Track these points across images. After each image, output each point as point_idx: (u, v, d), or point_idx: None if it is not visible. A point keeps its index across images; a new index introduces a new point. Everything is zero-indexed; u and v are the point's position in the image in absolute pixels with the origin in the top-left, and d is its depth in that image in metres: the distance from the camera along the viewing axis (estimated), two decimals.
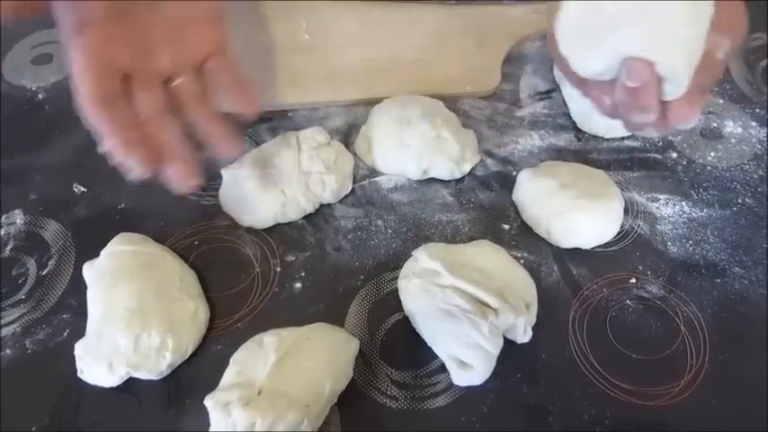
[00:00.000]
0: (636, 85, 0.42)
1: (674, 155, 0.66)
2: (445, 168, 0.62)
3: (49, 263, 0.58)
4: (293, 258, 0.58)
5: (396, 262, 0.57)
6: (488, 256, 0.54)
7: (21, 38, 0.78)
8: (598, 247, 0.58)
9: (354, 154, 0.65)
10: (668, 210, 0.61)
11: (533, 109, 0.70)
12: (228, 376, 0.47)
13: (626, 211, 0.60)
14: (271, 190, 0.59)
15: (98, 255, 0.55)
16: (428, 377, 0.51)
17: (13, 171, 0.64)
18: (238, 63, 0.57)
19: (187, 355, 0.51)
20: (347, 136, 0.67)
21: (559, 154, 0.66)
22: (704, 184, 0.63)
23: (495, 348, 0.49)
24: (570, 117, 0.68)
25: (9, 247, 0.59)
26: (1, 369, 0.52)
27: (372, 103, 0.67)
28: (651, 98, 0.42)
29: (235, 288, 0.56)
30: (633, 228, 0.60)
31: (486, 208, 0.62)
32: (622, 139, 0.67)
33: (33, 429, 0.49)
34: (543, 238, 0.59)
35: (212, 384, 0.48)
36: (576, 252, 0.58)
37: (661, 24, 0.40)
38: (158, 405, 0.50)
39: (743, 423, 0.49)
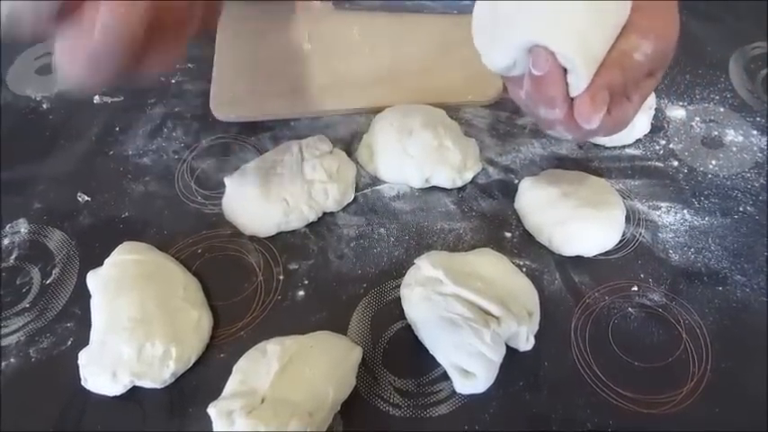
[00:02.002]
0: (540, 73, 0.41)
1: (676, 163, 0.66)
2: (447, 177, 0.63)
3: (53, 272, 0.58)
4: (296, 267, 0.58)
5: (398, 270, 0.57)
6: (490, 265, 0.55)
7: (25, 48, 0.78)
8: (600, 255, 0.58)
9: (357, 162, 0.66)
10: (670, 218, 0.61)
11: None
12: (231, 385, 0.47)
13: (627, 219, 0.60)
14: (274, 198, 0.59)
15: (102, 264, 0.55)
16: (431, 385, 0.51)
17: (18, 180, 0.65)
18: None
19: (190, 364, 0.51)
20: (349, 145, 0.68)
21: (561, 162, 0.66)
22: (705, 193, 0.63)
23: (497, 356, 0.49)
24: None
25: (13, 256, 0.59)
26: (5, 378, 0.52)
27: (374, 111, 0.67)
28: (556, 90, 0.42)
29: (238, 296, 0.56)
30: (635, 236, 0.60)
31: (488, 216, 0.62)
32: (624, 147, 0.67)
33: None
34: (545, 246, 0.59)
35: (215, 393, 0.48)
36: (577, 260, 0.58)
37: (556, 14, 0.40)
38: (162, 413, 0.50)
39: (745, 431, 0.49)
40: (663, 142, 0.68)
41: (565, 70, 0.41)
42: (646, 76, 0.45)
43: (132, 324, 0.50)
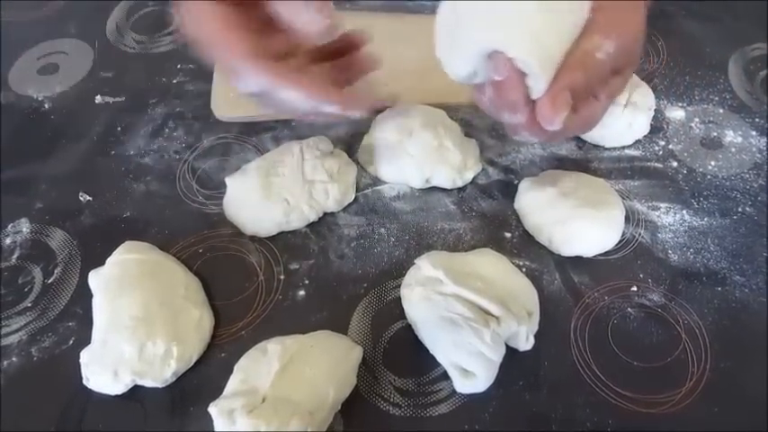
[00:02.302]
0: (500, 78, 0.42)
1: (675, 164, 0.66)
2: (447, 177, 0.63)
3: (55, 271, 0.58)
4: (297, 266, 0.59)
5: (398, 270, 0.58)
6: (490, 265, 0.55)
7: (27, 48, 0.78)
8: (599, 255, 0.59)
9: (357, 163, 0.66)
10: (669, 218, 0.62)
11: None
12: (233, 384, 0.48)
13: (627, 219, 0.60)
14: (274, 198, 0.59)
15: (103, 263, 0.55)
16: (431, 384, 0.51)
17: (20, 180, 0.65)
18: None
19: (191, 363, 0.52)
20: (350, 145, 0.68)
21: (561, 163, 0.66)
22: (704, 193, 0.64)
23: (497, 356, 0.49)
24: None
25: (15, 256, 0.59)
26: (7, 377, 0.52)
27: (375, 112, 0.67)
28: (516, 94, 0.42)
29: (239, 296, 0.57)
30: (634, 236, 0.60)
31: (488, 216, 0.62)
32: (623, 148, 0.67)
33: None
34: (545, 247, 0.59)
35: (216, 392, 0.48)
36: (577, 260, 0.58)
37: (510, 19, 0.40)
38: (163, 412, 0.50)
39: (744, 430, 0.49)
40: (662, 143, 0.68)
41: (525, 74, 0.41)
42: (613, 75, 0.45)
43: (134, 323, 0.50)
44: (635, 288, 0.57)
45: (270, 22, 0.49)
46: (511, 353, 0.51)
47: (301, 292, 0.57)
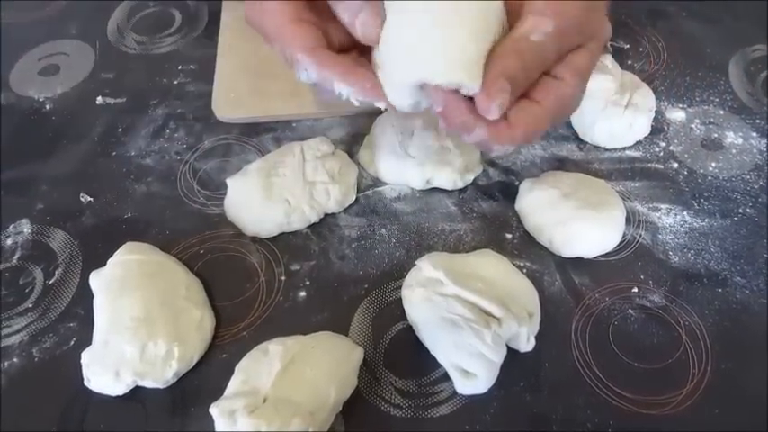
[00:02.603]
0: (439, 108, 0.42)
1: (676, 165, 0.66)
2: (448, 178, 0.63)
3: (56, 272, 0.58)
4: (298, 267, 0.59)
5: (399, 271, 0.58)
6: (491, 266, 0.55)
7: (28, 49, 0.78)
8: (600, 256, 0.59)
9: (358, 164, 0.66)
10: (669, 219, 0.62)
11: None
12: (234, 384, 0.48)
13: (628, 220, 0.60)
14: (275, 199, 0.59)
15: (105, 264, 0.55)
16: (432, 386, 0.51)
17: (21, 181, 0.65)
18: None
19: (193, 364, 0.52)
20: (351, 146, 0.68)
21: (561, 164, 0.66)
22: (705, 194, 0.64)
23: (498, 357, 0.49)
24: (572, 127, 0.69)
25: (16, 257, 0.59)
26: (8, 377, 0.52)
27: (376, 113, 0.68)
28: (462, 114, 0.42)
29: (240, 297, 0.57)
30: (635, 237, 0.60)
31: (489, 217, 0.62)
32: (624, 149, 0.67)
33: None
34: (546, 248, 0.59)
35: (218, 392, 0.48)
36: (578, 261, 0.58)
37: (422, 48, 0.41)
38: (164, 413, 0.50)
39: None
40: (663, 144, 0.68)
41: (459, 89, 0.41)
42: (573, 51, 0.44)
43: (135, 324, 0.50)
44: (636, 289, 0.57)
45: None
46: (512, 354, 0.51)
47: (302, 293, 0.57)
